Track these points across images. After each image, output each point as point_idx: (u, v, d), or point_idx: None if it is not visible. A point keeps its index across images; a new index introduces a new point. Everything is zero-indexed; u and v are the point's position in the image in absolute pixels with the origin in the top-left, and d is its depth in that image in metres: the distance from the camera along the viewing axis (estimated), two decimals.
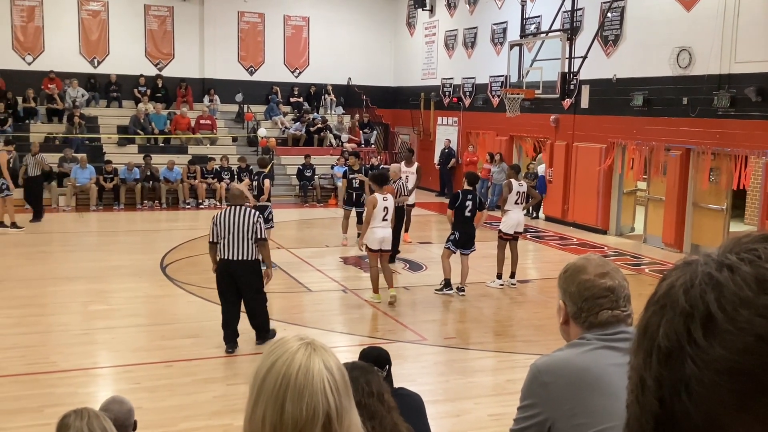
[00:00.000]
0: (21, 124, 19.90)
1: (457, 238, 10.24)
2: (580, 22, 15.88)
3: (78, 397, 6.30)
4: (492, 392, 7.06)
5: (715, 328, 0.65)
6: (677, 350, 0.67)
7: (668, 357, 0.67)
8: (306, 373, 1.40)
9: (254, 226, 7.54)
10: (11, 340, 8.02)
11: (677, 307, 0.68)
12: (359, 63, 24.44)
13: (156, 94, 21.90)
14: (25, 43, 21.38)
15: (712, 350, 0.64)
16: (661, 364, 0.68)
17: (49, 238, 14.58)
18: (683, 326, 0.67)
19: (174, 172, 18.68)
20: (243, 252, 7.51)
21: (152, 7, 22.55)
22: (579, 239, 15.19)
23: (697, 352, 0.65)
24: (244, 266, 7.57)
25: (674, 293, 0.69)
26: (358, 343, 8.24)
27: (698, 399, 0.65)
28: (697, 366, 0.65)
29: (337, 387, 1.42)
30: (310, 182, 19.89)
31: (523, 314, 9.85)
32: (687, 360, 0.66)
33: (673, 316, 0.68)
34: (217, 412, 6.27)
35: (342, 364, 1.48)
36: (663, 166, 14.30)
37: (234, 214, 7.57)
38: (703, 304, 0.66)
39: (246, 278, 7.62)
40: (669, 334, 0.68)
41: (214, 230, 7.63)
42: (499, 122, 18.76)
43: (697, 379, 0.65)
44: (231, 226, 7.50)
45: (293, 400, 1.38)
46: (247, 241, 7.49)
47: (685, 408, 0.66)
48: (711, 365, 0.64)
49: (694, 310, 0.67)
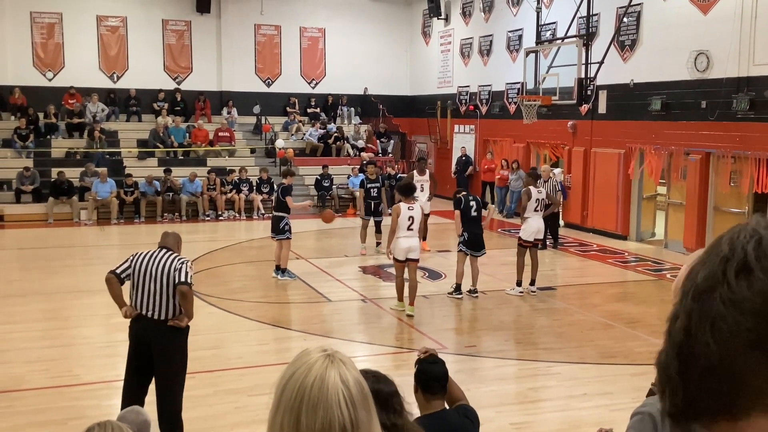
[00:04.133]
0: (42, 139, 20.16)
1: (466, 238, 10.34)
2: (595, 27, 15.84)
3: (101, 409, 6.35)
4: (514, 400, 7.02)
5: (748, 273, 0.72)
6: (710, 289, 0.74)
7: (702, 294, 0.75)
8: (321, 385, 1.41)
9: (174, 273, 5.57)
10: (35, 353, 8.11)
11: (720, 253, 0.75)
12: (375, 73, 24.52)
13: (175, 107, 22.11)
14: (46, 59, 21.69)
15: (741, 292, 0.71)
16: (695, 300, 0.75)
17: (71, 252, 14.74)
18: (720, 269, 0.74)
19: (194, 184, 18.83)
20: (159, 309, 5.59)
21: (170, 22, 22.80)
22: (599, 245, 15.10)
23: (727, 293, 0.72)
24: (159, 328, 5.60)
25: (720, 243, 0.77)
26: (378, 352, 8.25)
27: (719, 334, 0.72)
28: (724, 305, 0.72)
29: (352, 400, 1.42)
30: (328, 192, 19.96)
31: (543, 321, 9.80)
32: (717, 299, 0.73)
33: (715, 259, 0.75)
34: (239, 424, 6.30)
35: (361, 377, 1.49)
36: (683, 170, 14.19)
37: (155, 258, 5.68)
38: (743, 251, 0.73)
39: (162, 345, 5.61)
40: (707, 276, 0.75)
41: (127, 266, 5.72)
42: (516, 129, 18.72)
43: (722, 317, 0.72)
44: (149, 272, 5.61)
45: (308, 412, 1.39)
46: (166, 296, 5.57)
47: (706, 340, 0.73)
48: (737, 305, 0.71)
49: (734, 255, 0.74)
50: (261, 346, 8.52)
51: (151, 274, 5.59)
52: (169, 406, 5.61)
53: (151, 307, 5.59)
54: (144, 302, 5.61)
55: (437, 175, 17.55)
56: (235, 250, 14.70)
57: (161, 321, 5.59)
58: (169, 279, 5.56)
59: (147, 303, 5.60)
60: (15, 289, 11.08)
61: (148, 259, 5.66)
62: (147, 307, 5.60)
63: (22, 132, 19.67)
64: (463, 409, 3.66)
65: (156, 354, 5.59)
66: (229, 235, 16.60)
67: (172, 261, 5.63)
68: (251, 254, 14.25)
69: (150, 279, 5.58)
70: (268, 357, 7.93)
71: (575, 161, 16.98)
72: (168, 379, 5.63)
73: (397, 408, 2.56)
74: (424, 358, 3.76)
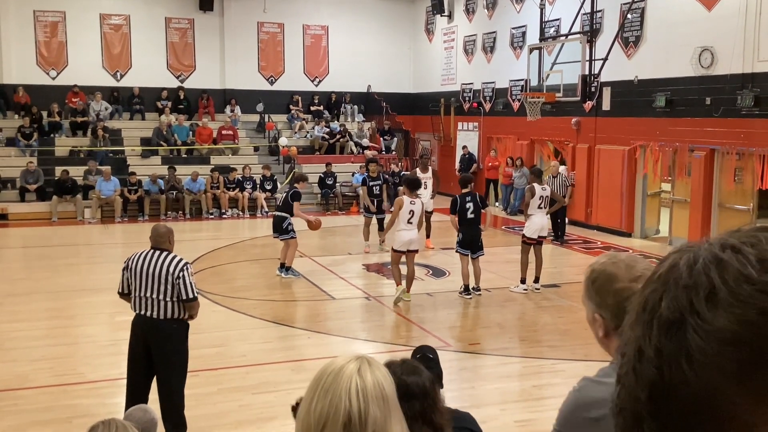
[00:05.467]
0: (46, 138, 20.19)
1: (461, 239, 10.36)
2: (599, 24, 15.79)
3: (106, 407, 6.34)
4: (518, 398, 7.02)
5: (719, 301, 0.67)
6: (679, 321, 0.68)
7: (670, 327, 0.68)
8: (337, 373, 1.54)
9: (175, 282, 5.53)
10: (40, 351, 8.12)
11: (680, 282, 0.70)
12: (378, 70, 24.50)
13: (178, 105, 22.12)
14: (49, 58, 21.70)
15: (716, 321, 0.66)
16: (662, 334, 0.69)
17: (75, 251, 14.76)
18: (686, 299, 0.68)
19: (197, 182, 18.84)
20: (157, 309, 5.58)
21: (173, 20, 22.80)
22: (603, 242, 15.07)
23: (699, 323, 0.67)
24: (158, 328, 5.60)
25: (677, 270, 0.71)
26: (382, 350, 8.24)
27: (699, 368, 0.66)
28: (699, 336, 0.66)
29: (365, 392, 1.52)
30: (331, 190, 19.95)
31: (548, 319, 9.78)
32: (689, 330, 0.67)
33: (677, 289, 0.70)
34: (243, 422, 6.30)
35: (385, 381, 1.57)
36: (687, 167, 14.16)
37: (151, 261, 5.63)
38: (707, 278, 0.68)
39: (160, 345, 5.61)
40: (671, 307, 0.69)
41: (124, 277, 5.74)
42: (520, 126, 18.69)
43: (699, 349, 0.66)
44: (146, 274, 5.58)
45: (319, 396, 1.53)
46: (165, 298, 5.56)
47: (684, 377, 0.67)
48: (714, 335, 0.66)
49: (698, 284, 0.68)
50: (265, 344, 8.51)
51: (148, 276, 5.56)
52: (170, 404, 5.61)
53: (150, 307, 5.57)
54: (142, 303, 5.60)
55: (441, 173, 17.55)
56: (238, 248, 14.71)
57: (160, 320, 5.56)
58: (168, 284, 5.51)
59: (145, 303, 5.59)
60: (19, 288, 11.09)
61: (143, 261, 5.63)
62: (145, 307, 5.58)
63: (26, 130, 19.71)
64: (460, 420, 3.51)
65: (156, 353, 5.59)
66: (233, 233, 16.60)
67: (169, 264, 5.57)
68: (255, 252, 14.26)
69: (148, 281, 5.55)
70: (272, 355, 7.93)
71: (579, 158, 16.94)
72: (169, 377, 5.63)
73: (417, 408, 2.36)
74: (418, 359, 3.66)
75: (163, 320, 5.56)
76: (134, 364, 5.68)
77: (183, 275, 5.54)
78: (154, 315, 5.56)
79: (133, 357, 5.69)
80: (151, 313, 5.56)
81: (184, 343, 5.69)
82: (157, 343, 5.58)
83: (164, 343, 5.59)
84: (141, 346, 5.63)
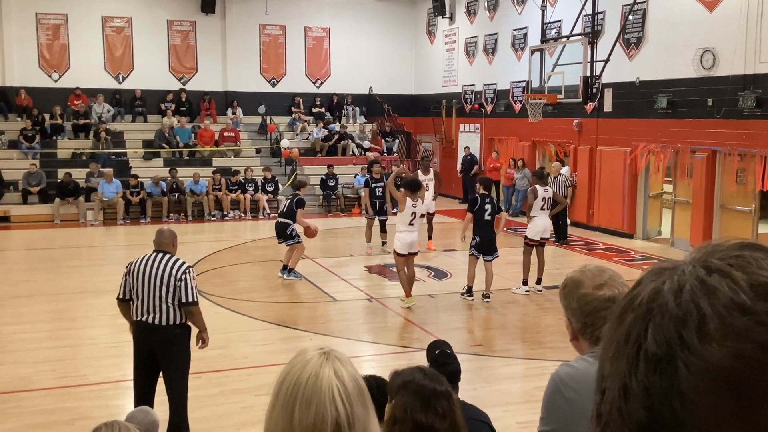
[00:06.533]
0: (48, 140, 20.23)
1: (478, 243, 10.23)
2: (601, 25, 15.80)
3: (108, 409, 6.35)
4: (520, 399, 7.01)
5: (711, 333, 0.61)
6: (668, 356, 0.62)
7: (658, 363, 0.63)
8: (315, 381, 1.45)
9: (177, 284, 5.50)
10: (42, 354, 8.13)
11: (666, 312, 0.64)
12: (380, 72, 24.52)
13: (180, 107, 22.14)
14: (51, 60, 21.74)
15: (709, 356, 0.61)
16: (650, 371, 0.63)
17: (77, 253, 14.77)
18: (675, 331, 0.63)
19: (199, 184, 18.86)
20: (160, 315, 5.54)
21: (175, 22, 22.83)
22: (605, 244, 15.06)
23: (691, 359, 0.61)
24: (161, 334, 5.57)
25: (662, 298, 0.65)
26: (384, 351, 8.25)
27: (693, 407, 0.61)
28: (691, 372, 0.61)
29: (347, 395, 1.45)
30: (333, 192, 19.95)
31: (550, 320, 9.78)
32: (680, 366, 0.62)
33: (662, 320, 0.64)
34: (246, 423, 6.30)
35: (357, 373, 1.51)
36: (689, 168, 14.15)
37: (154, 263, 5.59)
38: (696, 309, 0.63)
39: (164, 350, 5.61)
40: (659, 340, 0.63)
41: (125, 282, 5.67)
42: (522, 128, 18.69)
43: (692, 387, 0.61)
44: (148, 279, 5.53)
45: (301, 407, 1.44)
46: (167, 302, 5.52)
47: (676, 417, 0.61)
48: (707, 372, 0.61)
49: (687, 315, 0.63)
50: (267, 346, 8.52)
51: (150, 280, 5.51)
52: (173, 407, 5.63)
53: (152, 312, 5.54)
54: (144, 308, 5.55)
55: (442, 175, 17.54)
56: (240, 250, 14.71)
57: (162, 326, 5.54)
58: (169, 286, 5.48)
59: (147, 309, 5.54)
60: (22, 290, 11.11)
61: (145, 265, 5.58)
62: (147, 313, 5.55)
63: (28, 133, 19.74)
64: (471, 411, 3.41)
65: (159, 358, 5.60)
66: (235, 235, 16.61)
67: (171, 267, 5.54)
68: (257, 254, 14.26)
69: (150, 286, 5.51)
70: (275, 357, 7.93)
71: (581, 159, 16.94)
72: (171, 380, 5.64)
73: (439, 410, 2.36)
74: (437, 355, 3.69)
75: (165, 326, 5.54)
76: (139, 370, 5.71)
77: (185, 278, 5.51)
78: (156, 321, 5.54)
79: (138, 363, 5.71)
80: (153, 319, 5.54)
81: (187, 347, 5.69)
82: (161, 348, 5.58)
83: (168, 348, 5.59)
84: (145, 352, 5.64)
